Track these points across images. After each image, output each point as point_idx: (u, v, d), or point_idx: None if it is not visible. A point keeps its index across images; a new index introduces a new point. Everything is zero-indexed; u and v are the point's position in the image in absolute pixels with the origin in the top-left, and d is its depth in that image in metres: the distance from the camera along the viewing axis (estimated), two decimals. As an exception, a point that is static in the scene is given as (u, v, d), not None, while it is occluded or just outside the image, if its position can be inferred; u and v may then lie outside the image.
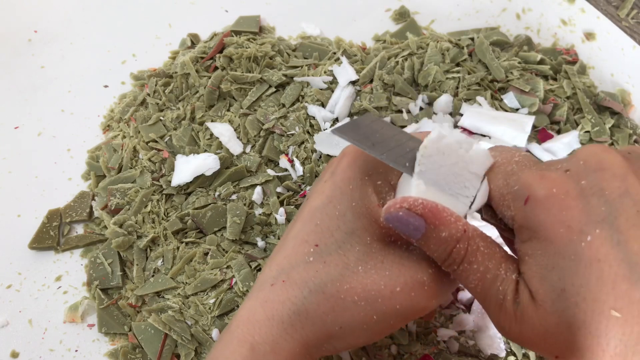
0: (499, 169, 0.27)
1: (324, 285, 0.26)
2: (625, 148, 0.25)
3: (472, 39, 0.52)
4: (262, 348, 0.25)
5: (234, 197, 0.45)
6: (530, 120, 0.45)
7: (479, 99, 0.48)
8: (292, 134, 0.47)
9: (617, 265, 0.21)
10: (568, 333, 0.22)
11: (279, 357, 0.25)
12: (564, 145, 0.45)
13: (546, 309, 0.23)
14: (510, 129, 0.44)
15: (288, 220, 0.44)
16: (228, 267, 0.42)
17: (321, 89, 0.49)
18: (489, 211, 0.28)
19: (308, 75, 0.50)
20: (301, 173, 0.45)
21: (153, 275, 0.43)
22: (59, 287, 0.43)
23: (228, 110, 0.49)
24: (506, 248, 0.28)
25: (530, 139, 0.46)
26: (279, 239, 0.43)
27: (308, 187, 0.45)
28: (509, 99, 0.48)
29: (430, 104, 0.49)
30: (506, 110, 0.48)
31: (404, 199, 0.25)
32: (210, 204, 0.44)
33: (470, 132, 0.46)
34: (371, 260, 0.27)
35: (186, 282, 0.42)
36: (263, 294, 0.27)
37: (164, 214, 0.44)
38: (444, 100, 0.47)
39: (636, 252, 0.21)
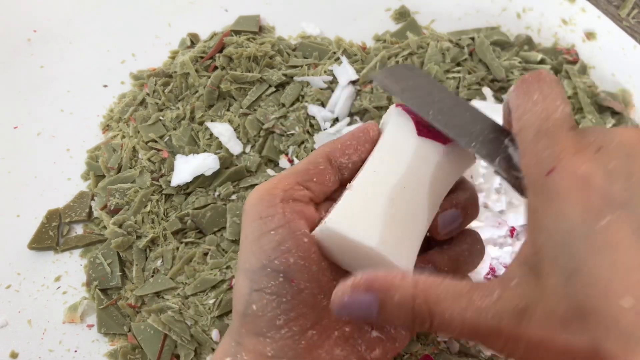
0: (533, 121, 0.24)
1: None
2: None
3: (473, 39, 0.52)
4: None
5: (233, 197, 0.44)
6: None
7: (484, 90, 0.48)
8: (292, 134, 0.47)
9: (633, 252, 0.20)
10: (578, 324, 0.20)
11: None
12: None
13: (556, 294, 0.21)
14: None
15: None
16: (228, 267, 0.42)
17: (321, 89, 0.49)
18: (504, 164, 0.27)
19: (308, 75, 0.50)
20: (301, 173, 0.45)
21: (152, 276, 0.42)
22: (58, 287, 0.43)
23: (228, 110, 0.49)
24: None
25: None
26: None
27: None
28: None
29: (430, 103, 0.49)
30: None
31: (343, 285, 0.24)
32: (210, 204, 0.44)
33: None
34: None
35: (186, 283, 0.42)
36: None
37: (164, 214, 0.44)
38: (445, 100, 0.47)
39: None
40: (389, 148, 0.29)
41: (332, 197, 0.30)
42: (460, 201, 0.31)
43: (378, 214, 0.27)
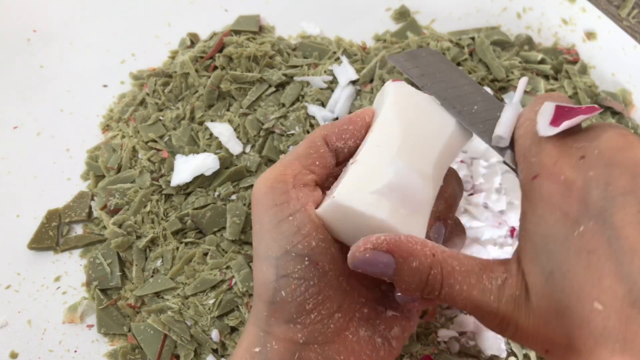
0: (530, 129, 0.26)
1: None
2: None
3: (473, 39, 0.52)
4: None
5: (233, 197, 0.44)
6: None
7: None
8: (292, 134, 0.47)
9: (605, 259, 0.21)
10: (556, 320, 0.23)
11: None
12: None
13: (537, 292, 0.23)
14: None
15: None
16: (228, 267, 0.42)
17: (321, 89, 0.49)
18: (514, 157, 0.28)
19: (308, 75, 0.50)
20: (301, 173, 0.45)
21: (152, 276, 0.42)
22: (58, 287, 0.43)
23: (228, 110, 0.49)
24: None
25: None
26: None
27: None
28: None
29: (430, 103, 0.49)
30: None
31: (365, 240, 0.25)
32: (209, 204, 0.44)
33: None
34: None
35: (186, 283, 0.42)
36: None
37: (164, 214, 0.44)
38: (445, 100, 0.47)
39: (626, 250, 0.21)
40: (391, 122, 0.29)
41: (328, 184, 0.30)
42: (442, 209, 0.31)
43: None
